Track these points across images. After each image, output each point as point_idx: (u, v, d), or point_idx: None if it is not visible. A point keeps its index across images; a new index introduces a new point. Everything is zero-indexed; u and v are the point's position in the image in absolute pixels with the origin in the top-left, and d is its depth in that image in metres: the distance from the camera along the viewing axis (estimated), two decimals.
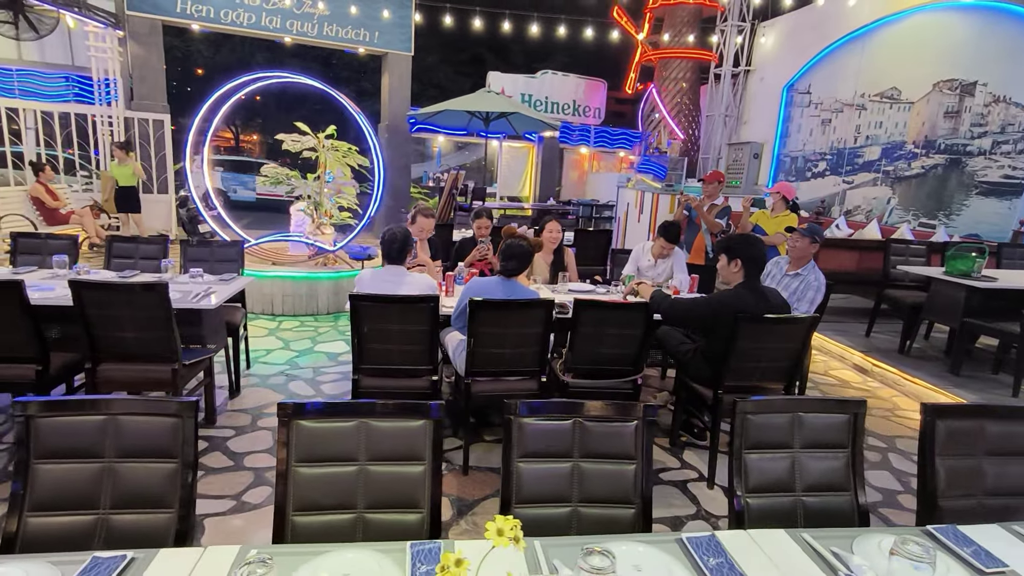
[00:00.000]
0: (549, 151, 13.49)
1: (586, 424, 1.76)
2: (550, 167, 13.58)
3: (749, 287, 3.01)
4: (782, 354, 3.07)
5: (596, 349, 3.18)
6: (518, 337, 3.07)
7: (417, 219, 4.27)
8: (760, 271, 3.05)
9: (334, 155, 5.99)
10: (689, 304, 3.03)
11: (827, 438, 1.88)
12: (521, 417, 1.74)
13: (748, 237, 3.06)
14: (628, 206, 10.33)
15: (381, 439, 1.67)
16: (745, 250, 3.02)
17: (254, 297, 5.89)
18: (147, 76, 9.25)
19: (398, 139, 11.48)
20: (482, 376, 3.16)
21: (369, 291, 3.10)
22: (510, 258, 3.15)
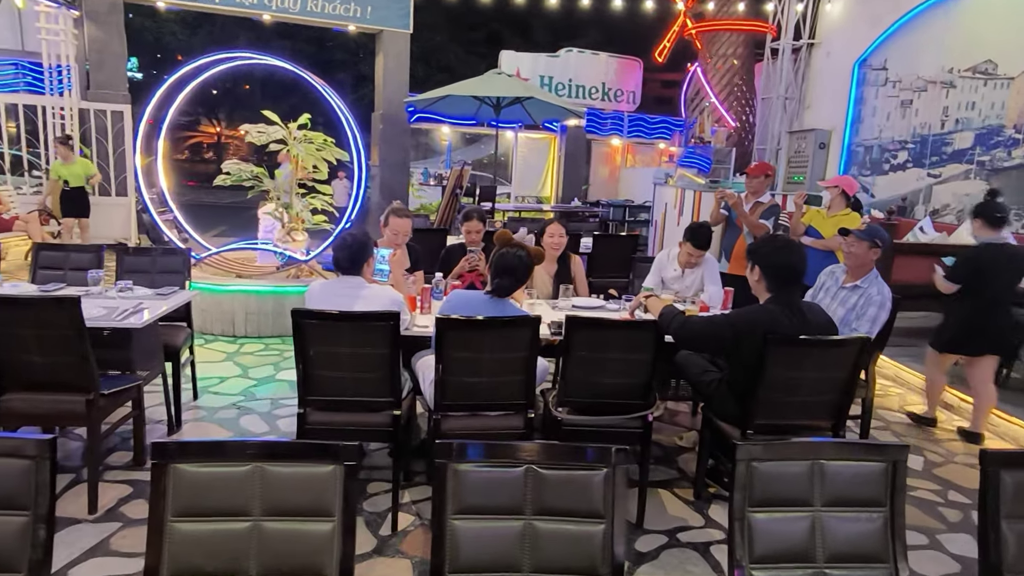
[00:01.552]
0: (574, 143, 13.47)
1: (542, 471, 1.65)
2: (575, 162, 13.56)
3: (781, 302, 2.90)
4: (826, 385, 2.93)
5: (595, 378, 3.08)
6: (497, 363, 2.99)
7: (390, 220, 4.22)
8: (791, 281, 2.93)
9: (307, 148, 6.01)
10: (705, 323, 2.92)
11: (858, 493, 1.73)
12: (457, 461, 1.64)
13: (775, 239, 2.96)
14: (667, 207, 10.23)
15: (280, 488, 1.58)
16: (767, 255, 2.92)
17: (212, 315, 5.91)
18: (105, 62, 9.49)
19: (395, 130, 11.58)
20: (454, 411, 3.08)
21: (318, 306, 3.05)
22: (504, 273, 3.09)
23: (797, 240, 5.16)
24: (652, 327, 3.01)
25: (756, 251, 2.97)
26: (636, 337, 3.03)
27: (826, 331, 2.91)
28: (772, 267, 2.91)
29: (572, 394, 3.14)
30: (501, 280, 3.07)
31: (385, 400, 3.06)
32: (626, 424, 3.14)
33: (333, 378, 3.00)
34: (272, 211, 6.13)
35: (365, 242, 3.17)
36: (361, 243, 3.15)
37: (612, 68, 13.53)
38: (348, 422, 3.06)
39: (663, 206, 10.41)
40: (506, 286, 3.06)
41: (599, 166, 14.48)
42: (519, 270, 3.09)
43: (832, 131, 10.81)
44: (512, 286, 3.08)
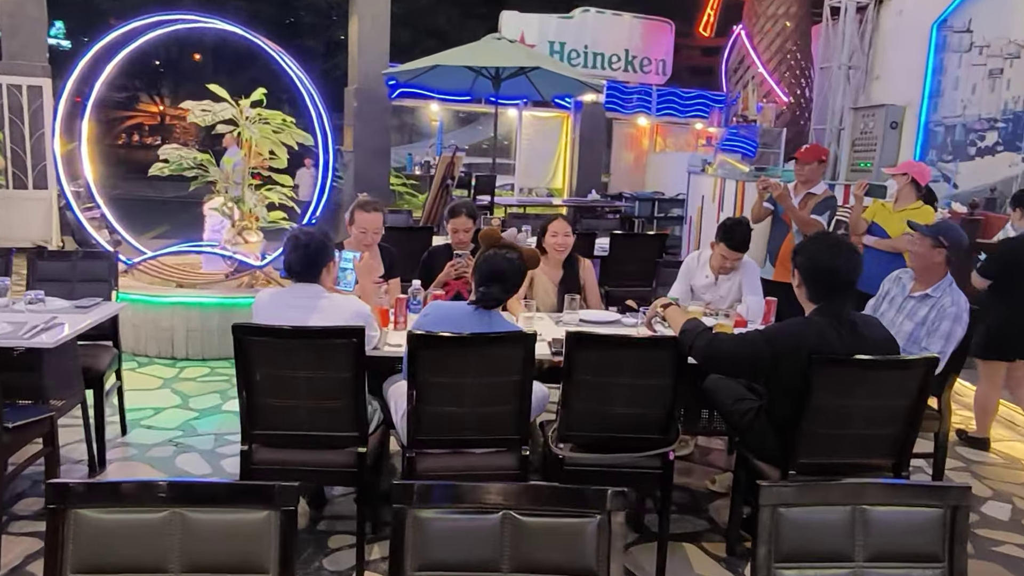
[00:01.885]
0: (591, 123, 13.54)
1: (521, 519, 1.66)
2: (593, 146, 13.62)
3: (827, 314, 2.92)
4: (886, 416, 2.94)
5: (603, 407, 3.10)
6: (484, 389, 3.01)
7: (355, 216, 4.25)
8: (838, 289, 2.94)
9: (261, 130, 6.07)
10: (737, 341, 2.94)
11: (909, 545, 1.74)
12: (420, 506, 1.65)
13: (821, 238, 3.00)
14: (703, 200, 10.26)
15: (203, 538, 1.59)
16: (809, 257, 2.93)
17: (146, 333, 5.96)
18: (20, 27, 9.62)
19: (373, 108, 11.66)
20: (432, 447, 3.10)
21: (265, 320, 3.08)
22: (491, 280, 3.12)
23: (858, 240, 5.19)
24: (672, 345, 3.03)
25: (797, 252, 3.00)
26: (652, 357, 3.04)
27: (884, 349, 2.92)
28: (814, 271, 2.93)
29: (576, 427, 3.15)
30: (487, 288, 3.09)
31: (348, 435, 3.08)
32: (642, 463, 3.16)
33: (284, 408, 3.02)
34: (220, 207, 6.18)
35: (324, 242, 3.20)
36: (319, 243, 3.18)
37: (637, 32, 13.60)
38: (303, 461, 3.09)
39: (699, 199, 10.44)
40: (493, 295, 3.09)
41: (622, 151, 14.52)
42: (509, 276, 3.11)
43: (906, 107, 10.82)
44: (501, 296, 3.10)
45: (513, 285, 3.13)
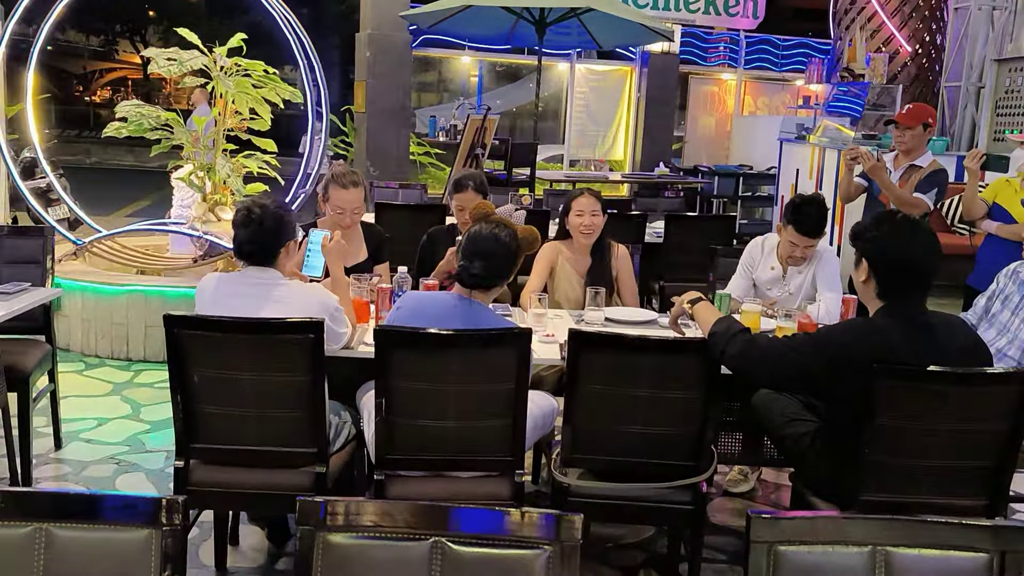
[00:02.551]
0: (661, 80, 13.50)
1: (454, 548, 1.70)
2: (663, 109, 13.57)
3: (897, 315, 2.90)
4: (974, 443, 2.91)
5: (616, 426, 3.14)
6: (470, 399, 3.07)
7: (329, 191, 4.33)
8: (913, 285, 2.93)
9: (239, 84, 6.22)
10: (778, 348, 2.95)
11: None
12: (331, 529, 1.70)
13: (889, 218, 2.96)
14: (798, 175, 10.15)
15: (72, 560, 1.67)
16: (877, 244, 2.91)
17: (98, 329, 6.15)
18: None
19: (389, 60, 11.81)
20: (408, 469, 3.16)
21: (209, 310, 3.16)
22: (474, 255, 3.17)
23: (978, 224, 5.13)
24: (702, 349, 3.05)
25: (860, 236, 2.97)
26: (677, 364, 3.07)
27: (970, 358, 2.89)
28: (884, 262, 2.91)
29: (583, 449, 3.19)
30: (471, 265, 3.14)
31: (304, 452, 3.15)
32: (668, 497, 3.19)
33: (227, 418, 3.12)
34: (187, 176, 6.34)
35: (282, 216, 3.28)
36: (275, 218, 3.25)
37: None
38: (252, 483, 3.18)
39: (793, 174, 10.34)
40: (474, 273, 3.13)
41: (700, 114, 14.42)
42: (497, 255, 3.16)
43: None
44: (485, 276, 3.14)
45: (502, 267, 3.17)
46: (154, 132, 6.26)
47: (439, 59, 14.08)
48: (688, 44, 13.55)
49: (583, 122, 13.77)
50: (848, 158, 5.29)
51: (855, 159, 5.22)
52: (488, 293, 3.23)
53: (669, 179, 12.27)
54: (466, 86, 17.75)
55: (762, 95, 14.50)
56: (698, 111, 14.39)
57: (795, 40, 14.08)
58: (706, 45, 13.74)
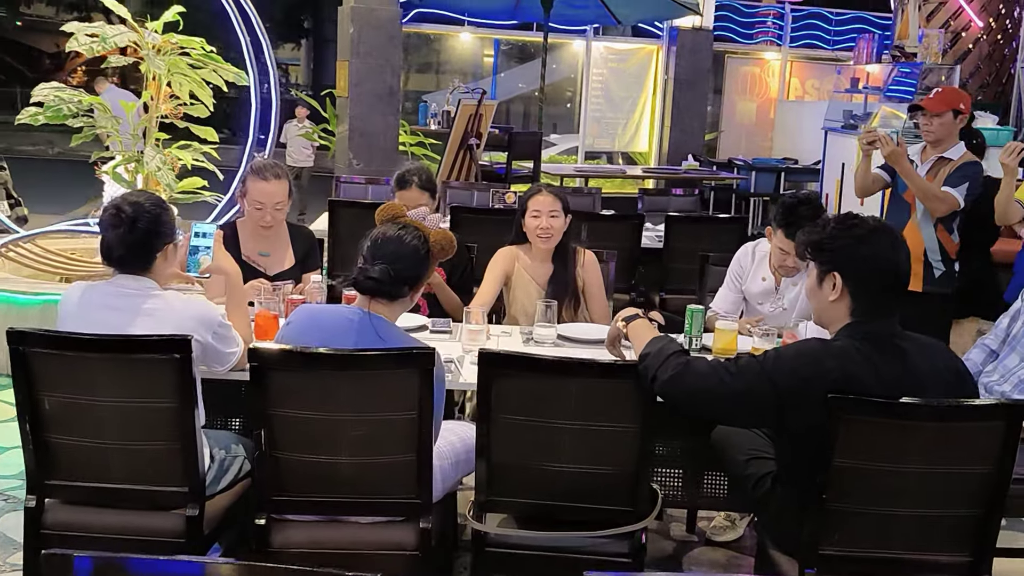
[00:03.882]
0: (693, 59, 13.42)
1: None
2: (694, 92, 13.50)
3: (862, 336, 2.83)
4: (954, 489, 2.84)
5: (540, 463, 3.10)
6: (366, 430, 3.03)
7: (248, 185, 4.36)
8: (896, 300, 2.89)
9: (173, 63, 6.22)
10: (719, 373, 2.88)
11: None
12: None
13: (864, 223, 2.89)
14: (844, 169, 10.02)
15: None
16: (855, 252, 2.84)
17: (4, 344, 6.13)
18: None
19: (376, 36, 11.79)
20: (297, 512, 3.14)
21: (72, 325, 3.14)
22: (374, 259, 3.15)
23: (1017, 230, 5.05)
24: (637, 374, 2.99)
25: (823, 246, 2.90)
26: (608, 391, 3.04)
27: (948, 389, 2.82)
28: (866, 273, 2.85)
29: (502, 490, 3.16)
30: (368, 266, 3.09)
31: (175, 491, 3.11)
32: (600, 548, 3.15)
33: (86, 450, 3.08)
34: (111, 169, 6.35)
35: (158, 216, 3.23)
36: (151, 218, 3.20)
37: None
38: (116, 526, 3.13)
39: (838, 168, 10.23)
40: (372, 276, 3.08)
41: (739, 100, 14.34)
42: (402, 258, 3.12)
43: None
44: (385, 280, 3.09)
45: (407, 273, 3.13)
46: (77, 119, 6.26)
47: (433, 37, 14.04)
48: (724, 19, 13.46)
49: (601, 108, 13.73)
50: (864, 143, 5.22)
51: (872, 144, 5.15)
52: (392, 306, 3.17)
53: (698, 174, 12.20)
54: (480, 67, 17.78)
55: (811, 77, 14.39)
56: (736, 96, 14.30)
57: (850, 14, 13.96)
58: (745, 20, 13.66)
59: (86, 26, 6.24)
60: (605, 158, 14.73)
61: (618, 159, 14.55)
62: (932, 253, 5.16)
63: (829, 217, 3.13)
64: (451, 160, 10.15)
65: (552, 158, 15.01)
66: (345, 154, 11.82)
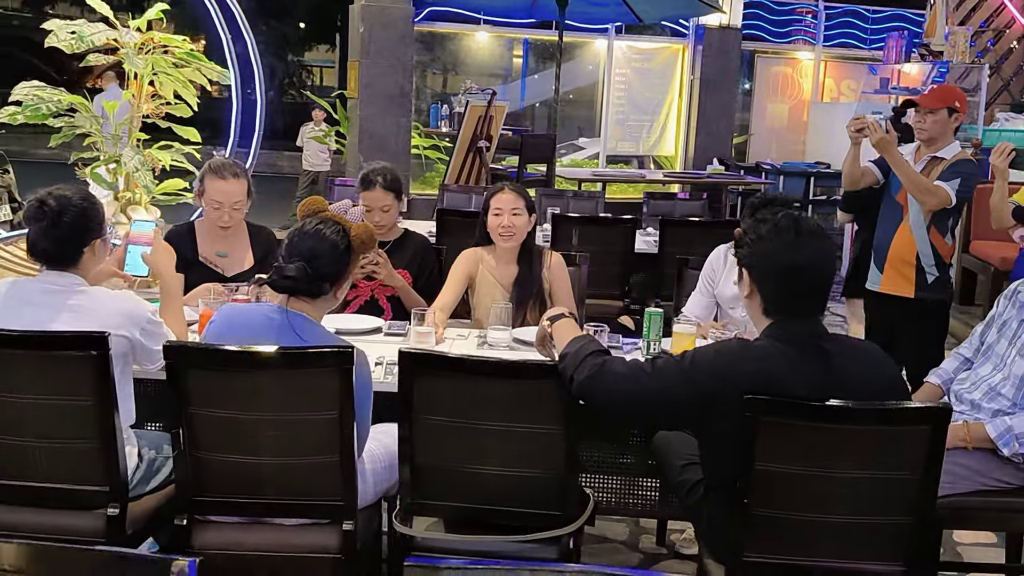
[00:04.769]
0: (720, 59, 13.39)
1: None
2: (722, 93, 13.46)
3: (784, 337, 2.87)
4: (883, 494, 2.86)
5: (464, 466, 3.14)
6: (286, 430, 3.09)
7: (206, 184, 4.46)
8: (805, 298, 2.92)
9: (155, 62, 6.36)
10: (637, 373, 2.92)
11: None
12: None
13: (777, 218, 2.93)
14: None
15: None
16: (760, 248, 2.89)
17: None
18: None
19: (387, 35, 11.92)
20: (220, 513, 3.20)
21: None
22: (291, 256, 3.21)
23: (1010, 234, 5.04)
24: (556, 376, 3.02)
25: (741, 241, 2.97)
26: (532, 392, 3.06)
27: (877, 395, 2.83)
28: (769, 270, 2.89)
29: (429, 494, 3.20)
30: (285, 264, 3.15)
31: (95, 490, 3.18)
32: (528, 553, 3.16)
33: (5, 448, 3.15)
34: (91, 170, 6.48)
35: (84, 210, 3.31)
36: (77, 212, 3.28)
37: None
38: (35, 526, 3.18)
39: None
40: (289, 275, 3.13)
41: (770, 101, 14.22)
42: (321, 254, 3.16)
43: None
44: (303, 281, 3.14)
45: (325, 269, 3.17)
46: (58, 119, 6.41)
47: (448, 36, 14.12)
48: (754, 16, 13.40)
49: (624, 110, 13.71)
50: (852, 130, 5.21)
51: (861, 131, 5.16)
52: (315, 303, 3.23)
53: (723, 179, 12.17)
54: (509, 69, 17.84)
55: (846, 77, 14.24)
56: (767, 97, 14.20)
57: (887, 11, 13.84)
58: (776, 17, 13.57)
59: (67, 23, 6.38)
60: (636, 162, 14.74)
61: (649, 163, 14.53)
62: (925, 257, 5.14)
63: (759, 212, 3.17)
64: (459, 163, 10.24)
65: (574, 162, 15.04)
66: (355, 157, 11.95)
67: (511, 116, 15.56)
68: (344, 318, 4.46)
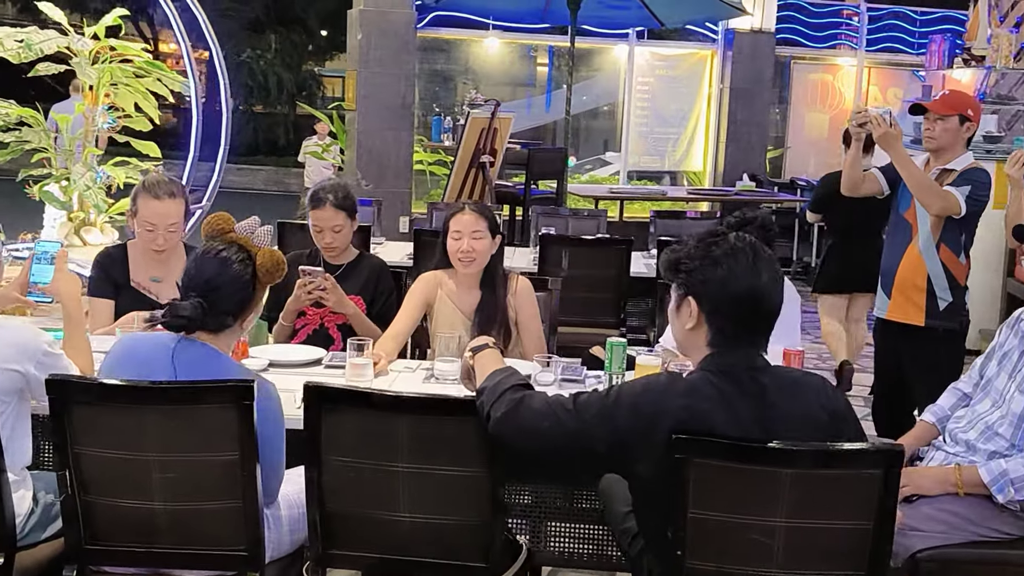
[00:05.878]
0: (752, 66, 13.35)
1: None
2: (754, 103, 13.42)
3: (718, 370, 2.81)
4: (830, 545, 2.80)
5: (379, 512, 3.12)
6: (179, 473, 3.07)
7: (139, 202, 4.46)
8: (763, 329, 2.88)
9: (113, 72, 6.39)
10: (555, 410, 2.85)
11: None
12: None
13: (725, 239, 2.87)
14: None
15: None
16: (712, 274, 2.82)
17: None
18: None
19: (388, 43, 11.97)
20: (110, 563, 3.18)
21: None
22: (189, 288, 3.18)
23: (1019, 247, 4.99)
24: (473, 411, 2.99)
25: (678, 266, 2.89)
26: (448, 429, 3.03)
27: (818, 433, 2.78)
28: (723, 299, 2.82)
29: (339, 543, 3.17)
30: (178, 304, 3.11)
31: None
32: None
33: None
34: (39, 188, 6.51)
35: None
36: None
37: None
38: None
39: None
40: (182, 313, 3.09)
41: (807, 111, 14.13)
42: (220, 285, 3.13)
43: None
44: (196, 316, 3.10)
45: (225, 304, 3.15)
46: (7, 133, 6.44)
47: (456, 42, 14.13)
48: (789, 20, 13.33)
49: (647, 122, 13.67)
50: (854, 124, 5.18)
51: (863, 125, 5.11)
52: (218, 336, 3.19)
53: (753, 196, 12.09)
54: (534, 78, 17.81)
55: (893, 85, 14.13)
56: (804, 107, 14.11)
57: (936, 13, 13.72)
58: (814, 20, 13.50)
59: (16, 31, 6.43)
60: (668, 179, 14.67)
61: (683, 180, 14.48)
62: (937, 280, 5.08)
63: (692, 235, 3.09)
64: (460, 180, 10.22)
65: (594, 178, 14.99)
66: (354, 174, 11.97)
67: (536, 130, 15.57)
68: (282, 348, 4.46)
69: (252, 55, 28.06)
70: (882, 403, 5.61)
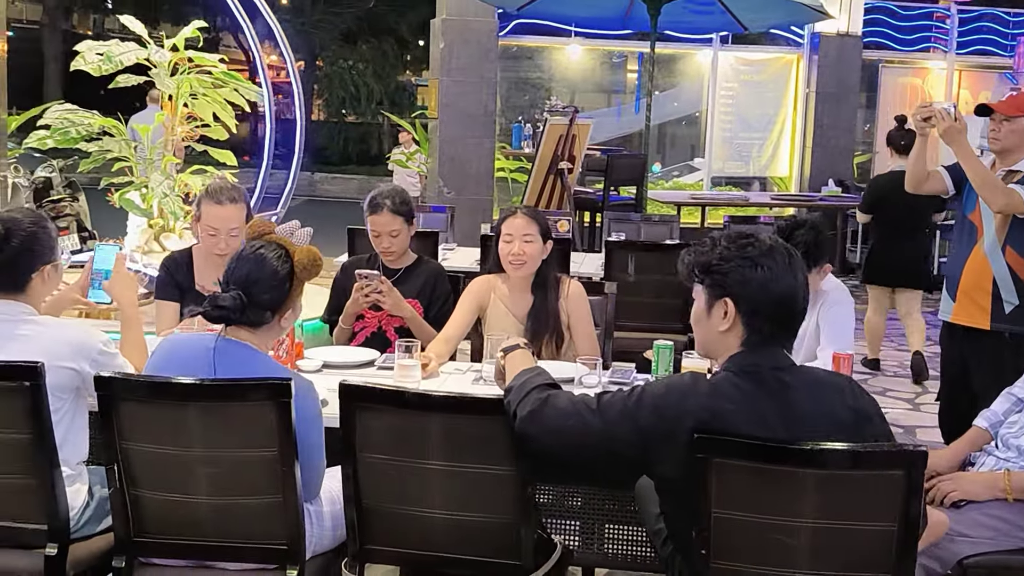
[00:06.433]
0: (838, 70, 13.22)
1: None
2: (840, 107, 13.27)
3: (741, 370, 2.82)
4: (855, 547, 2.77)
5: (413, 509, 3.15)
6: (223, 468, 3.13)
7: (203, 209, 4.58)
8: (792, 331, 2.90)
9: (192, 83, 6.55)
10: (579, 409, 2.88)
11: None
12: None
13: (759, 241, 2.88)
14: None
15: None
16: (752, 276, 2.81)
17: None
18: None
19: (470, 51, 12.09)
20: (159, 556, 3.26)
21: None
22: (229, 283, 3.24)
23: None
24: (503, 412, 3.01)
25: (716, 268, 2.85)
26: (478, 428, 3.05)
27: (843, 434, 2.76)
28: (769, 301, 2.82)
29: (378, 539, 3.20)
30: (218, 296, 3.17)
31: (36, 529, 3.26)
32: None
33: None
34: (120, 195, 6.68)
35: (34, 235, 3.41)
36: (26, 236, 3.38)
37: None
38: None
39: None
40: (225, 308, 3.15)
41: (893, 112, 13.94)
42: (260, 280, 3.19)
43: None
44: (238, 311, 3.16)
45: (263, 297, 3.20)
46: (90, 143, 6.63)
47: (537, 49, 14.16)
48: (877, 23, 13.16)
49: (732, 128, 13.59)
50: (918, 119, 5.08)
51: (927, 120, 5.03)
52: (258, 332, 3.26)
53: (839, 202, 11.96)
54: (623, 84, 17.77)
55: (985, 88, 13.87)
56: (892, 111, 13.84)
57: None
58: (902, 23, 13.30)
59: (99, 44, 6.62)
60: (758, 184, 14.54)
61: (772, 186, 14.35)
62: (1003, 282, 4.99)
63: (720, 236, 3.09)
64: (538, 186, 10.26)
65: (678, 184, 14.90)
66: (436, 182, 12.09)
67: (625, 138, 15.53)
68: (336, 350, 4.53)
69: (344, 66, 28.52)
70: (949, 409, 5.50)
